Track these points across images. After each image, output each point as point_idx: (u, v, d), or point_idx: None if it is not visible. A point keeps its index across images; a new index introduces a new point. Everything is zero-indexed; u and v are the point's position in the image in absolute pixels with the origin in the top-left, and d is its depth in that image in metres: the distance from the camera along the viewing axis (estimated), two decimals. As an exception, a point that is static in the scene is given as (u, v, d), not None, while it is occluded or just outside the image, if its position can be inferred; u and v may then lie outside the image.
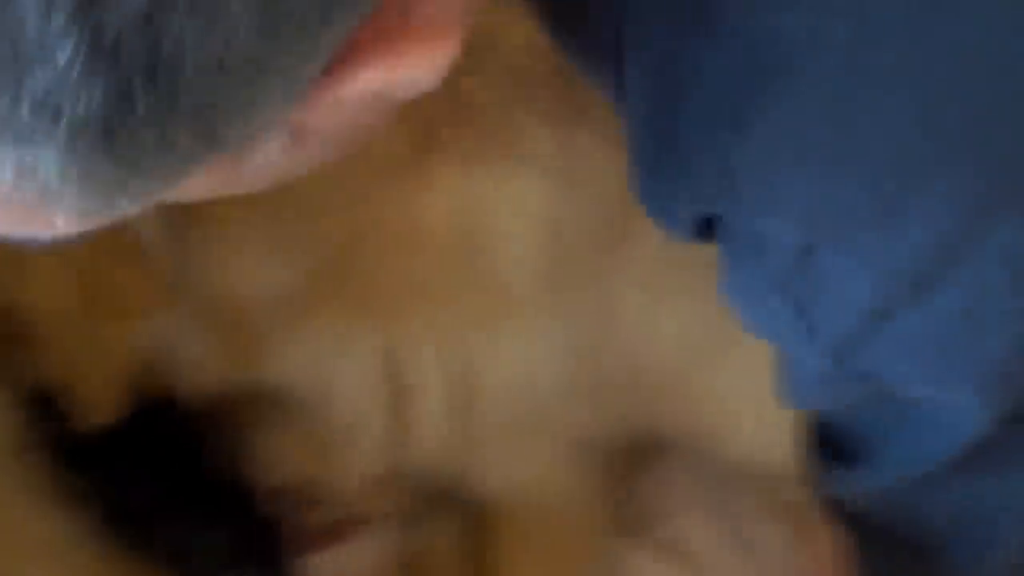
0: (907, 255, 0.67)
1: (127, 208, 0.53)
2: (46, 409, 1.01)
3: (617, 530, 1.03)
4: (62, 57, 0.44)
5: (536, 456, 1.01)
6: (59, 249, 0.84)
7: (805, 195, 0.68)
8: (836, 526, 0.91)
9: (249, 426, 1.02)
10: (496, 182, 0.89)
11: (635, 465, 1.04)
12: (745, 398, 0.96)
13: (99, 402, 0.96)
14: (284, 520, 1.09)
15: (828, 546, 0.91)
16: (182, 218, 0.90)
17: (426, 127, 0.88)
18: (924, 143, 0.65)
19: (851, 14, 0.63)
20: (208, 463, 1.05)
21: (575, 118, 0.89)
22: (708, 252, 0.76)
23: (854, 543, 0.90)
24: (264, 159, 0.57)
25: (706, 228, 0.73)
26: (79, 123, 0.46)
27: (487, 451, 0.98)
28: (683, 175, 0.70)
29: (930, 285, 0.68)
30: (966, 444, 0.78)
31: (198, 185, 0.55)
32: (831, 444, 0.88)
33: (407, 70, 0.55)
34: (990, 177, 0.66)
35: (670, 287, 0.93)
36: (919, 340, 0.71)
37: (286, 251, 0.91)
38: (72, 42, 0.44)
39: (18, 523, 1.03)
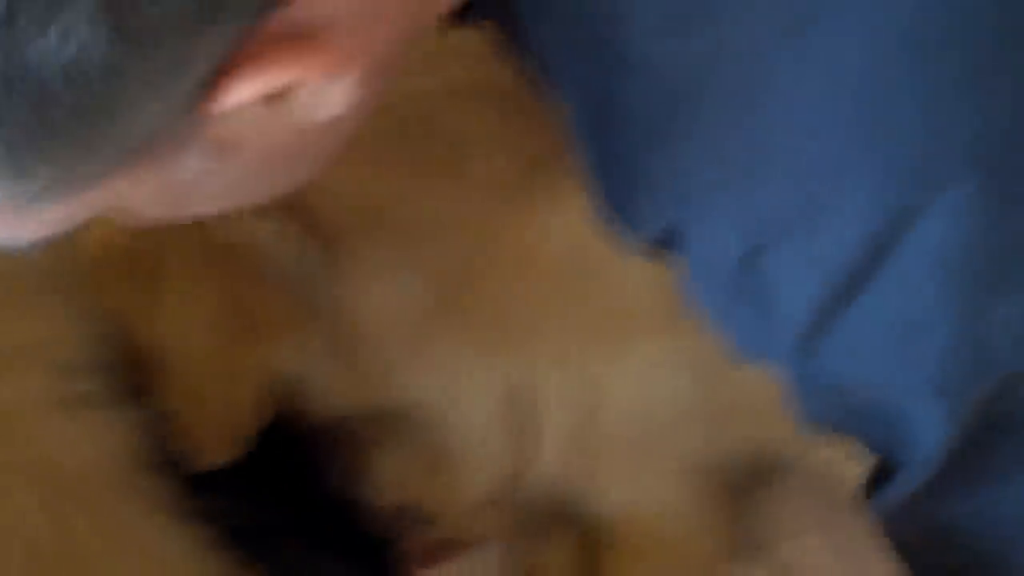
0: (841, 253, 0.68)
1: (60, 216, 0.58)
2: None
3: (731, 553, 1.04)
4: None
5: (653, 478, 1.02)
6: (192, 276, 0.86)
7: (737, 205, 0.70)
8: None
9: (367, 447, 1.04)
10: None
11: (750, 488, 1.05)
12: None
13: (220, 439, 0.99)
14: (396, 539, 1.10)
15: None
16: (313, 241, 0.92)
17: (540, 152, 0.90)
18: (838, 143, 0.67)
19: (746, 31, 0.66)
20: (325, 484, 1.08)
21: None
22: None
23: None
24: (194, 175, 0.59)
25: (667, 240, 0.74)
26: None
27: (605, 472, 1.00)
28: (632, 189, 0.73)
29: (864, 283, 0.69)
30: (942, 451, 0.76)
31: (137, 200, 0.59)
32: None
33: (297, 84, 0.57)
34: (906, 174, 0.66)
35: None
36: (867, 338, 0.71)
37: (413, 273, 0.93)
38: None
39: (136, 538, 1.05)
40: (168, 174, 0.59)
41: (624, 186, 0.74)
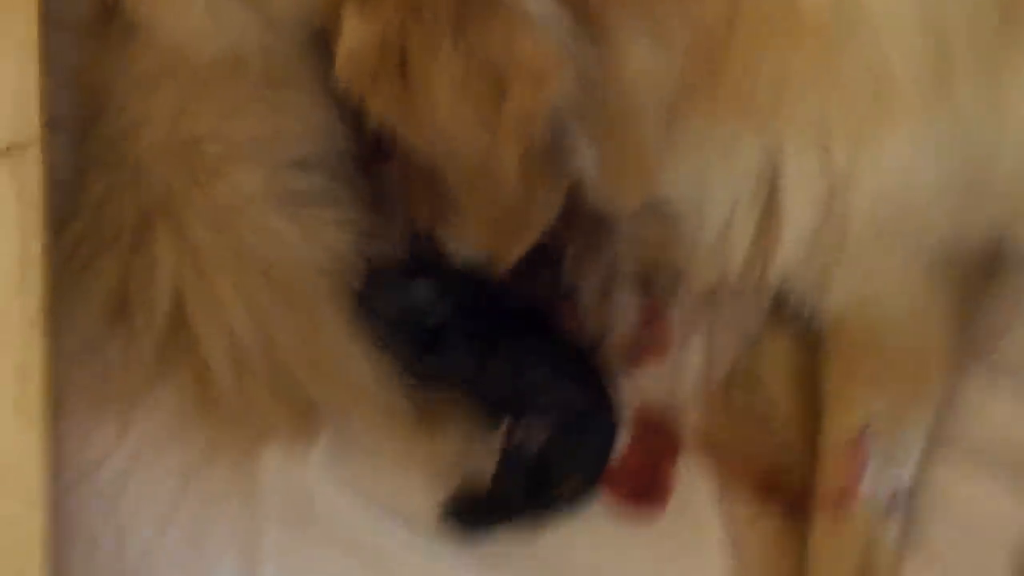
0: None
1: None
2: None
3: (952, 357, 1.02)
4: None
5: (893, 272, 0.99)
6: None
7: None
8: None
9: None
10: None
11: (982, 285, 1.03)
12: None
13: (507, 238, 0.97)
14: (604, 341, 1.11)
15: None
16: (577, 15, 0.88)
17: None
18: None
19: None
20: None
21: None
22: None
23: None
24: None
25: None
26: None
27: (842, 266, 0.97)
28: None
29: None
30: None
31: None
32: None
33: None
34: None
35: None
36: None
37: (665, 43, 0.88)
38: None
39: (335, 341, 1.06)
40: None
41: None
